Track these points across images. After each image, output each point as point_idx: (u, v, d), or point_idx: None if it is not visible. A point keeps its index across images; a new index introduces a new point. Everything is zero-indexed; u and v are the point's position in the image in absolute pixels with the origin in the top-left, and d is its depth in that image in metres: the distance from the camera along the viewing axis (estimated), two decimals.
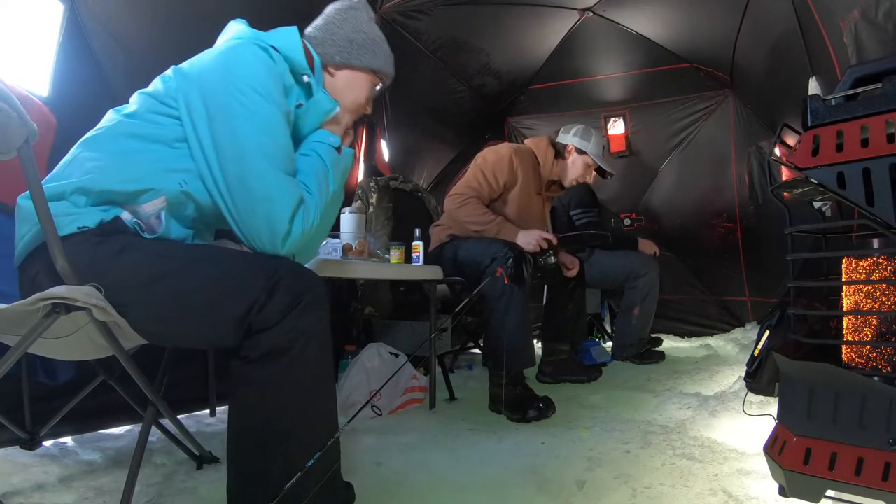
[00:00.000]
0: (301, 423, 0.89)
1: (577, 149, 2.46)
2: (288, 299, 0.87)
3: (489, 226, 2.19)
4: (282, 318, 0.86)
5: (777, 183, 1.17)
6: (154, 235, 1.00)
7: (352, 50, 1.19)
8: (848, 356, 1.04)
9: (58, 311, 0.83)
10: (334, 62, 1.19)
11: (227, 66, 1.00)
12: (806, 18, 2.19)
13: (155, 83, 1.07)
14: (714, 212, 3.84)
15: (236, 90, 0.98)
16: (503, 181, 2.27)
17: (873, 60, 1.07)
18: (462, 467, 1.41)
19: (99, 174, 0.95)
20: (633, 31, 3.51)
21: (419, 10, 2.97)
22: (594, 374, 2.55)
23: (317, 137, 1.14)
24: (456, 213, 2.24)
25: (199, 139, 0.98)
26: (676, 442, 1.57)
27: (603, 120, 4.10)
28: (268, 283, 0.88)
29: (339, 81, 1.20)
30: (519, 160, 2.32)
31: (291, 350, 0.87)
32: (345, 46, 1.19)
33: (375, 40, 1.23)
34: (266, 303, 0.86)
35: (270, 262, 0.93)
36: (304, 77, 1.12)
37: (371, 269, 1.90)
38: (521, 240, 2.17)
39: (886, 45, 1.55)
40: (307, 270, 0.96)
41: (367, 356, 2.05)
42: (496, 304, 1.98)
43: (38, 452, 1.38)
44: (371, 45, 1.21)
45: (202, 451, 1.41)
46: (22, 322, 0.86)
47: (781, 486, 1.02)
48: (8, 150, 0.79)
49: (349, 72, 1.21)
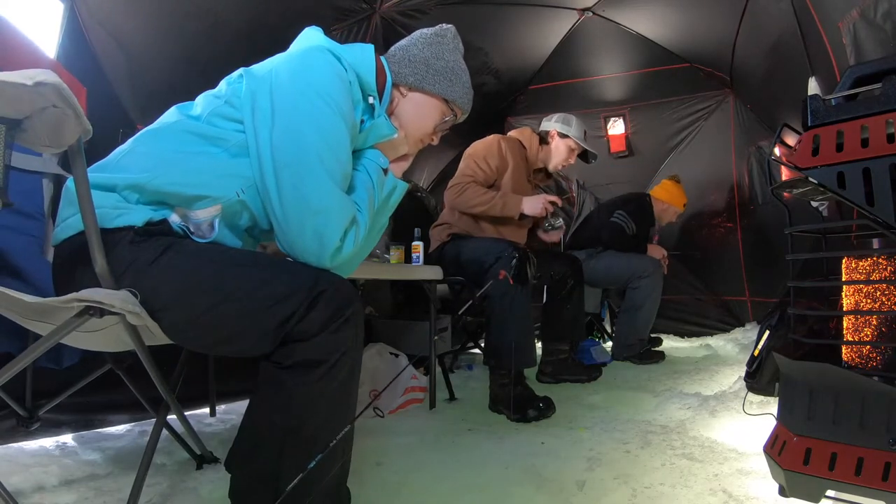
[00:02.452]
0: (322, 434, 0.88)
1: (560, 133, 2.53)
2: (329, 313, 0.86)
3: (493, 201, 2.22)
4: (321, 331, 0.85)
5: (777, 183, 1.17)
6: (205, 241, 0.97)
7: (427, 74, 1.16)
8: (848, 356, 1.04)
9: (91, 314, 0.82)
10: (408, 83, 1.17)
11: (298, 70, 0.97)
12: (805, 19, 2.20)
13: (220, 85, 1.05)
14: (714, 212, 3.85)
15: (305, 95, 0.95)
16: (494, 165, 2.30)
17: (873, 60, 1.07)
18: (462, 467, 1.41)
19: (155, 173, 0.92)
20: (633, 31, 3.51)
21: (418, 9, 2.97)
22: (594, 374, 2.55)
23: (368, 156, 1.12)
24: (458, 201, 2.25)
25: (258, 140, 0.95)
26: (676, 442, 1.57)
27: (603, 120, 4.10)
28: (309, 294, 0.86)
29: (409, 104, 1.18)
30: (507, 146, 2.37)
31: (325, 363, 0.86)
32: (421, 69, 1.16)
33: (456, 70, 1.20)
34: (306, 314, 0.85)
35: (312, 272, 0.91)
36: (369, 98, 1.10)
37: (371, 269, 1.90)
38: (527, 206, 2.22)
39: (885, 45, 1.55)
40: (348, 284, 0.93)
41: (367, 356, 2.05)
42: (499, 304, 1.98)
43: (38, 452, 1.38)
44: (450, 73, 1.18)
45: (203, 451, 1.41)
46: (52, 314, 0.86)
47: (781, 486, 1.02)
48: (61, 146, 0.79)
49: (421, 96, 1.18)
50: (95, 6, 1.68)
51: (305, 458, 0.86)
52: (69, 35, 1.64)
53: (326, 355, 0.86)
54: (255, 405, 0.91)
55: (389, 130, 1.12)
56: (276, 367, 0.87)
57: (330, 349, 0.86)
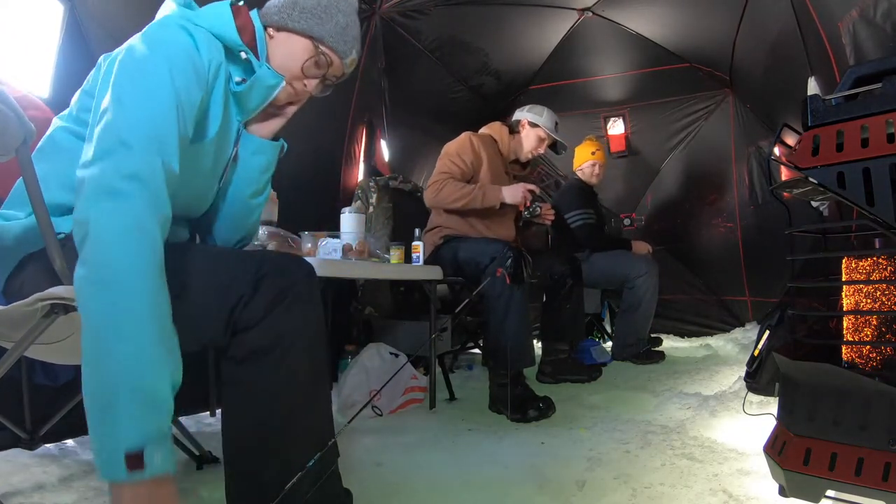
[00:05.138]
0: (292, 423, 0.88)
1: (530, 122, 2.52)
2: (272, 295, 0.85)
3: (473, 194, 2.21)
4: (266, 315, 0.84)
5: (777, 183, 1.17)
6: None
7: (293, 11, 1.04)
8: (848, 356, 1.04)
9: (56, 312, 0.83)
10: (272, 21, 1.05)
11: (144, 48, 0.89)
12: (804, 18, 2.20)
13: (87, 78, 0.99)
14: (714, 212, 3.85)
15: (143, 66, 0.87)
16: (469, 161, 2.30)
17: (873, 60, 1.07)
18: (462, 467, 1.41)
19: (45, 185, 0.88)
20: (633, 31, 3.51)
21: (418, 9, 2.97)
22: (594, 374, 2.55)
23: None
24: (437, 199, 2.24)
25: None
26: (676, 442, 1.57)
27: (603, 120, 4.10)
28: (253, 277, 0.85)
29: (275, 45, 1.05)
30: (479, 141, 2.37)
31: (276, 350, 0.85)
32: (288, 7, 1.04)
33: (328, 9, 1.06)
34: (251, 299, 0.84)
35: (256, 258, 0.90)
36: (241, 54, 1.00)
37: (371, 269, 1.90)
38: (506, 194, 2.21)
39: (885, 45, 1.56)
40: (295, 266, 0.91)
41: (367, 356, 2.05)
42: (496, 305, 1.98)
43: (38, 452, 1.38)
44: (320, 10, 1.05)
45: (202, 451, 1.41)
46: (19, 324, 0.86)
47: (781, 486, 1.02)
48: (7, 151, 0.79)
49: (286, 35, 1.05)
50: (95, 7, 1.68)
51: (279, 450, 0.86)
52: (69, 35, 1.64)
53: (277, 340, 0.85)
54: (223, 410, 0.91)
55: (274, 80, 1.02)
56: (233, 365, 0.86)
57: (279, 333, 0.85)
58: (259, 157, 1.11)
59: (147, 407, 0.73)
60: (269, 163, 1.13)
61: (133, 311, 0.74)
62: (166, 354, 0.76)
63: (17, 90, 1.36)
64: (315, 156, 2.65)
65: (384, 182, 2.77)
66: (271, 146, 1.12)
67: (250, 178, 1.12)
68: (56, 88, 1.59)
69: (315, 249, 1.79)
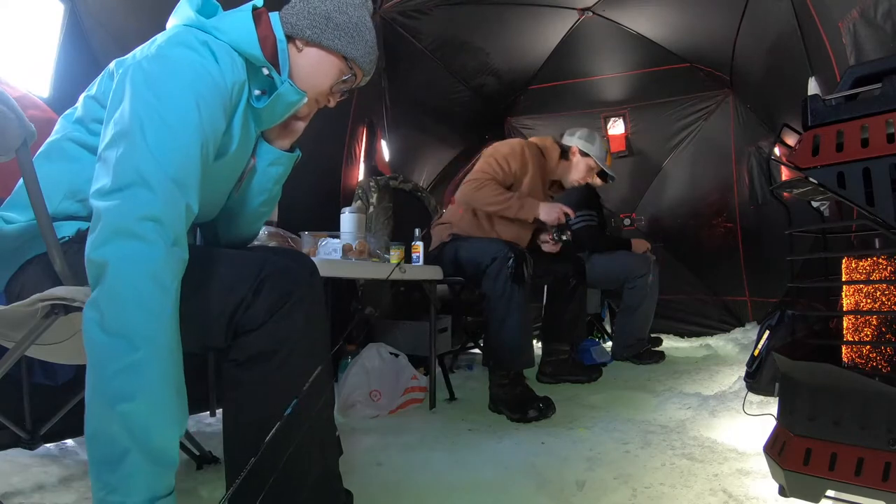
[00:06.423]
0: (292, 424, 0.87)
1: (581, 151, 2.51)
2: (274, 298, 0.85)
3: (510, 202, 2.20)
4: (268, 318, 0.85)
5: (777, 183, 1.17)
6: None
7: (327, 28, 1.02)
8: (848, 356, 1.04)
9: (56, 312, 0.83)
10: (304, 36, 1.02)
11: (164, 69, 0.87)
12: (805, 18, 2.20)
13: (95, 81, 0.99)
14: (714, 212, 3.84)
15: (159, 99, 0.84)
16: (514, 168, 2.28)
17: (873, 60, 1.07)
18: (462, 467, 1.41)
19: (52, 193, 0.89)
20: (633, 31, 3.51)
21: (418, 9, 2.96)
22: (594, 374, 2.55)
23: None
24: (475, 196, 2.23)
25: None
26: (676, 442, 1.57)
27: (603, 120, 4.09)
28: (254, 280, 0.85)
29: (304, 60, 1.04)
30: (529, 152, 2.35)
31: (277, 353, 0.85)
32: (321, 23, 1.02)
33: (359, 27, 1.05)
34: (252, 302, 0.84)
35: (258, 259, 0.90)
36: (263, 70, 0.99)
37: (371, 269, 1.90)
38: (543, 211, 2.21)
39: (885, 45, 1.56)
40: (297, 268, 0.91)
41: (367, 356, 2.05)
42: (496, 305, 1.98)
43: (38, 452, 1.38)
44: (352, 29, 1.04)
45: (202, 451, 1.41)
46: (20, 324, 0.86)
47: (781, 486, 1.02)
48: (6, 151, 0.79)
49: (318, 52, 1.04)
50: (95, 7, 1.68)
51: (279, 451, 0.86)
52: (69, 36, 1.64)
53: (278, 344, 0.85)
54: (223, 411, 0.91)
55: (297, 96, 1.01)
56: (235, 367, 0.87)
57: (281, 336, 0.85)
58: (276, 167, 1.11)
59: (158, 465, 0.74)
60: (284, 173, 1.14)
61: (149, 372, 0.74)
62: (178, 411, 0.78)
63: (16, 90, 1.37)
64: (316, 156, 2.64)
65: (384, 182, 2.77)
66: (288, 157, 1.12)
67: (264, 187, 1.12)
68: (56, 88, 1.59)
69: (315, 249, 1.79)
